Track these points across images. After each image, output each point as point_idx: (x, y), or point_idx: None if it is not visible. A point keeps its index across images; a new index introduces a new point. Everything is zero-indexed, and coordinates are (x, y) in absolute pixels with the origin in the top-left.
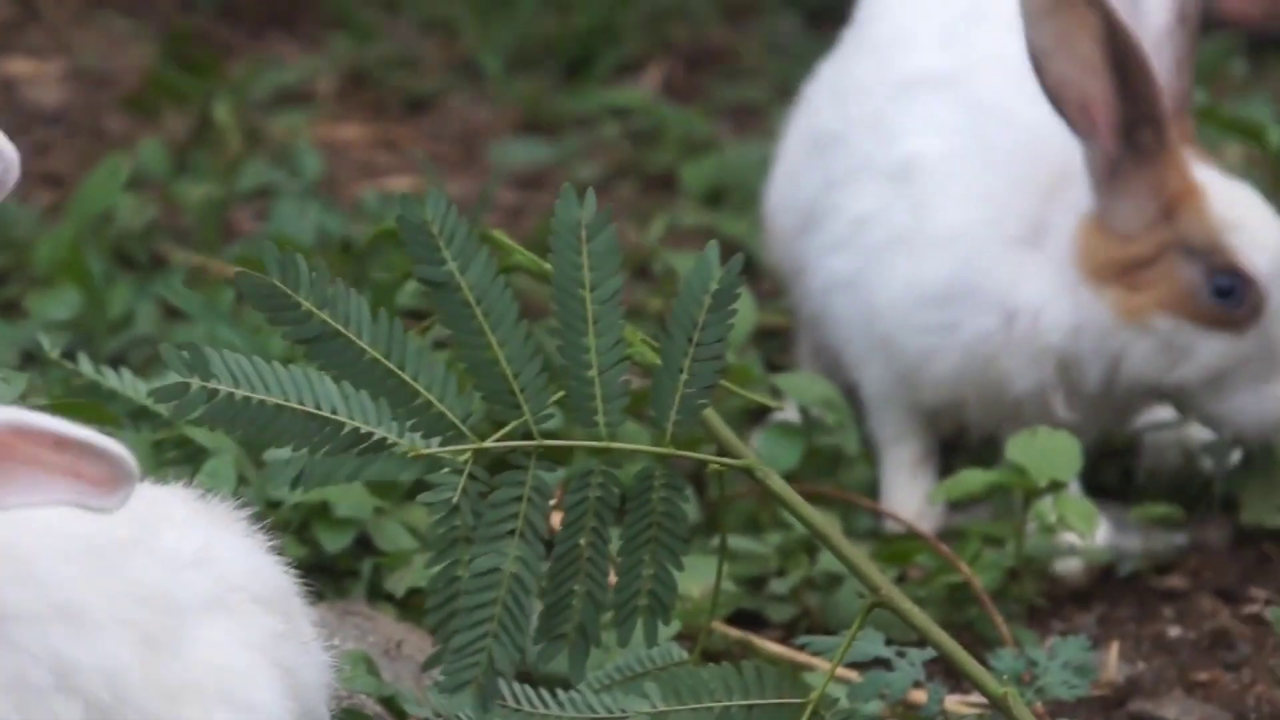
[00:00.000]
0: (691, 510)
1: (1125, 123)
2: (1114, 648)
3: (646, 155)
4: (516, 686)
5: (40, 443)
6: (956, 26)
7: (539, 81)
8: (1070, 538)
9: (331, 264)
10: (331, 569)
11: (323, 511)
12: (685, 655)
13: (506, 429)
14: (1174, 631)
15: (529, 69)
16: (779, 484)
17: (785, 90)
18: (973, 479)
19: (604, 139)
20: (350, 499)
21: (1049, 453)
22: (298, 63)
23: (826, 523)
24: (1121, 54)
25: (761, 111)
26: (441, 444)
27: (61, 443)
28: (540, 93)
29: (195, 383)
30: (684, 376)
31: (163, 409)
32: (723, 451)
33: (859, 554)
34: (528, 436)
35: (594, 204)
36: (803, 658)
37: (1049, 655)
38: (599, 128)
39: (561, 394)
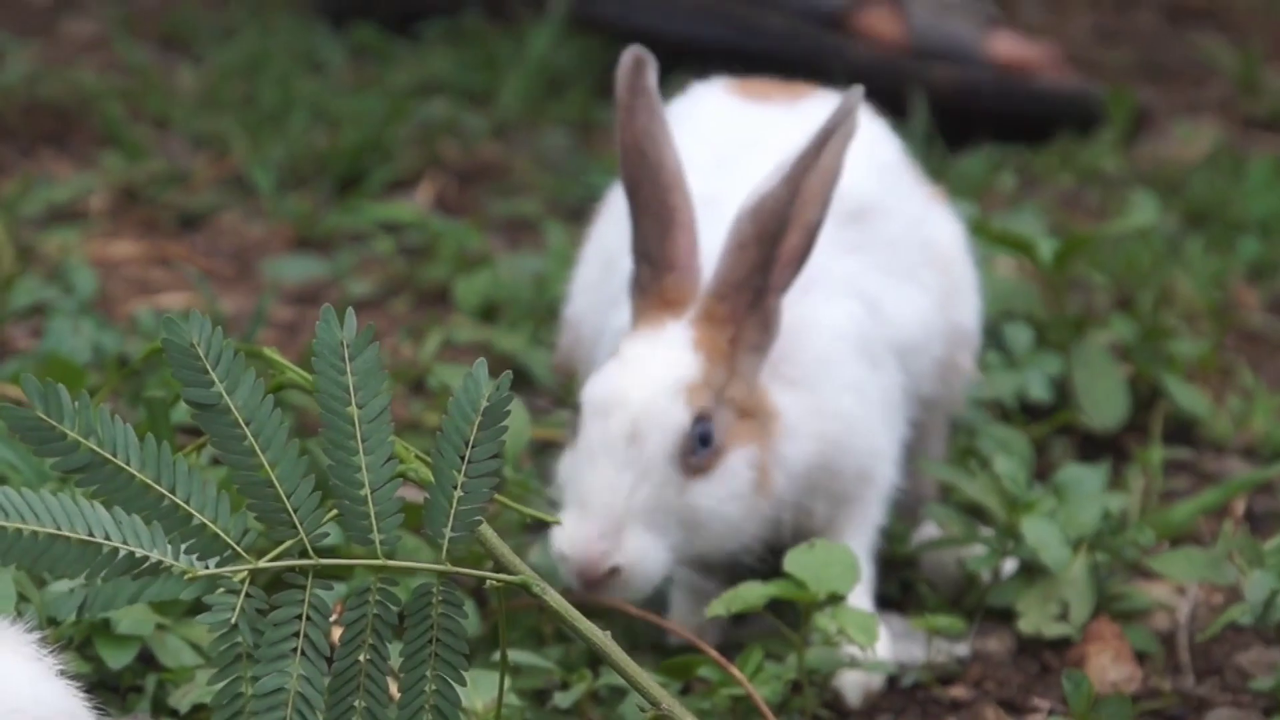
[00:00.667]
0: (472, 624)
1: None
2: None
3: (420, 270)
4: None
5: None
6: (734, 154)
7: (311, 198)
8: (853, 650)
9: (107, 382)
10: (115, 685)
11: (104, 628)
12: None
13: (282, 548)
14: None
15: (301, 185)
16: (556, 599)
17: (556, 205)
18: (751, 592)
19: (377, 254)
20: (131, 615)
21: (827, 564)
22: (69, 180)
23: (605, 637)
24: (633, 179)
25: (534, 225)
26: (218, 565)
27: None
28: (312, 209)
29: None
30: (458, 493)
31: None
32: (500, 567)
33: (639, 668)
34: (304, 554)
35: (354, 323)
36: None
37: None
38: (372, 243)
39: (335, 512)
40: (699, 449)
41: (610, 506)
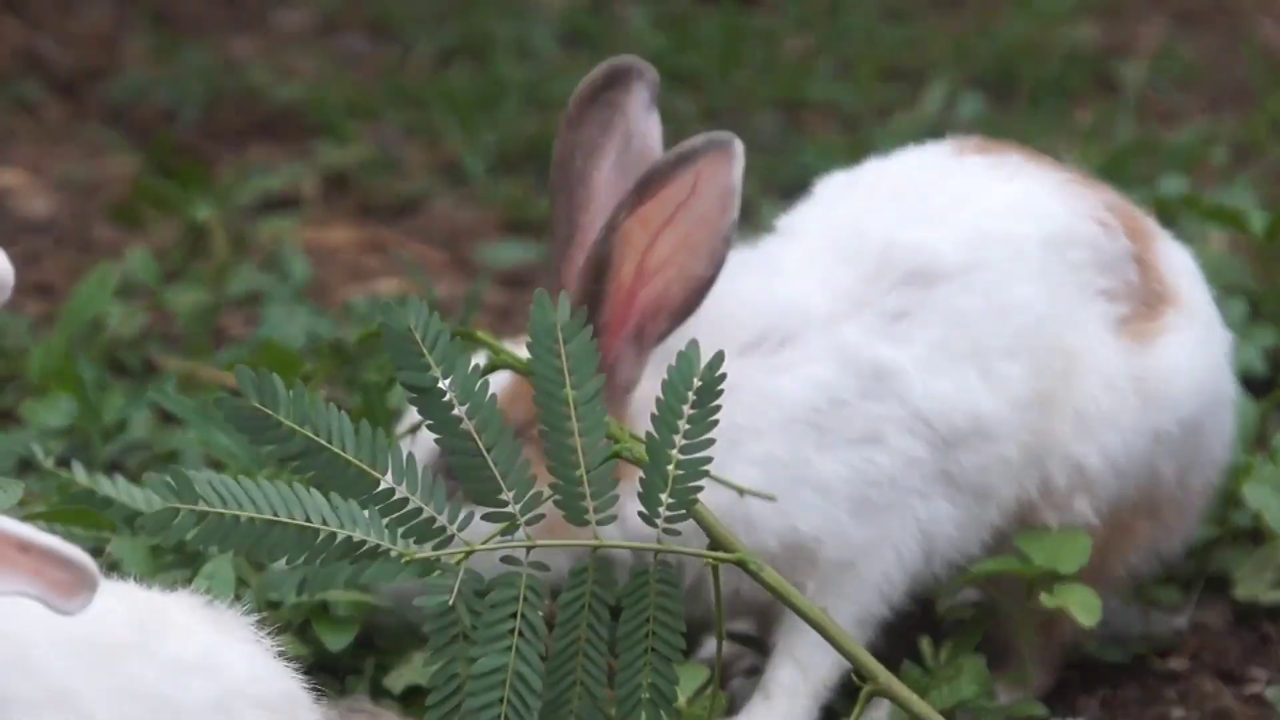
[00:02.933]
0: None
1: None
2: None
3: None
4: None
5: (7, 544)
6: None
7: (522, 182)
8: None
9: (320, 368)
10: (333, 667)
11: (323, 610)
12: None
13: (498, 529)
14: (1177, 713)
15: (512, 170)
16: (773, 576)
17: (770, 184)
18: (973, 569)
19: None
20: (350, 598)
21: (1059, 546)
22: (281, 168)
23: (822, 612)
24: (554, 187)
25: (747, 205)
26: (434, 548)
27: (26, 546)
28: (524, 193)
29: (183, 508)
30: (674, 471)
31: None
32: (715, 546)
33: (855, 642)
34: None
35: (568, 307)
36: None
37: None
38: None
39: (552, 495)
40: None
41: None
